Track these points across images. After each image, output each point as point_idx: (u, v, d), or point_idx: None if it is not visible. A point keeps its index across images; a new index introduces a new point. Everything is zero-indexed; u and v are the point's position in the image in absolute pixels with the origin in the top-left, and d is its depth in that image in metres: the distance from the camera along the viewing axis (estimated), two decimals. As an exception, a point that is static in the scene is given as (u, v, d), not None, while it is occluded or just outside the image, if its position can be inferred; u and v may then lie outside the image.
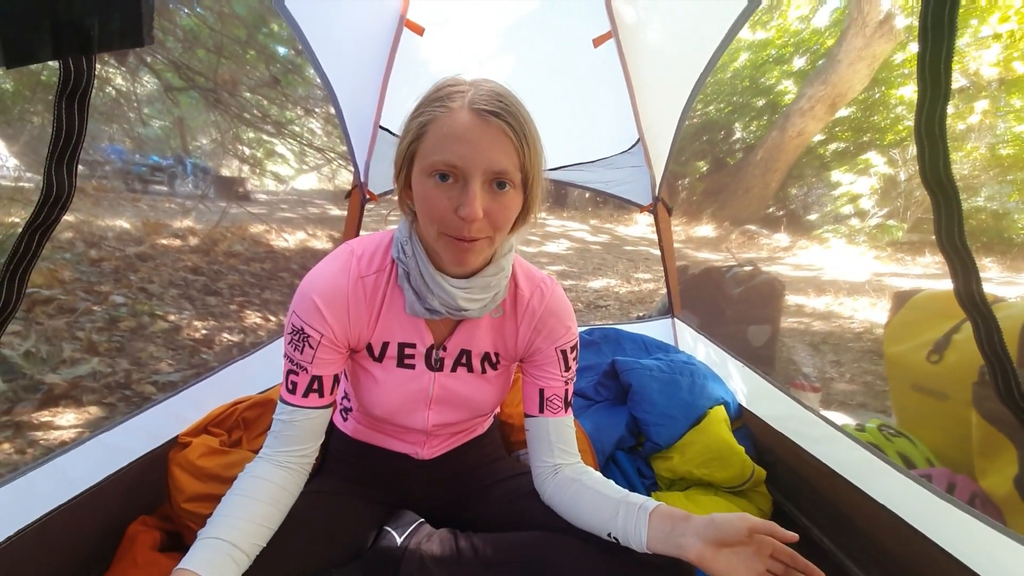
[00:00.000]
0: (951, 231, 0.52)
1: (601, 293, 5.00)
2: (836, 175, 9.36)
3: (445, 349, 0.95)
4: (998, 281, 5.95)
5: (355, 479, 1.06)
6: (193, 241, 4.55)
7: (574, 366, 1.00)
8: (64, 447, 0.95)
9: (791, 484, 1.27)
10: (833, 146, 9.91)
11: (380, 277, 0.91)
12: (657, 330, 1.81)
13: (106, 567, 0.95)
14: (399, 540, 0.99)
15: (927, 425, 1.49)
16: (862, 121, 9.50)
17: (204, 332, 2.83)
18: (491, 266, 0.88)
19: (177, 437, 1.07)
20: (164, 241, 4.38)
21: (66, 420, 1.87)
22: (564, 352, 0.97)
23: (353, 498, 1.03)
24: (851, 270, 6.38)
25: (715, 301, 2.29)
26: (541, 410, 0.97)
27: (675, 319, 1.83)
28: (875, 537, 1.02)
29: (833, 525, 1.15)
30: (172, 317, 2.93)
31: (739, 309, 2.25)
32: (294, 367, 0.88)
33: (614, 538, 0.88)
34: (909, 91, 8.23)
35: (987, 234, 7.81)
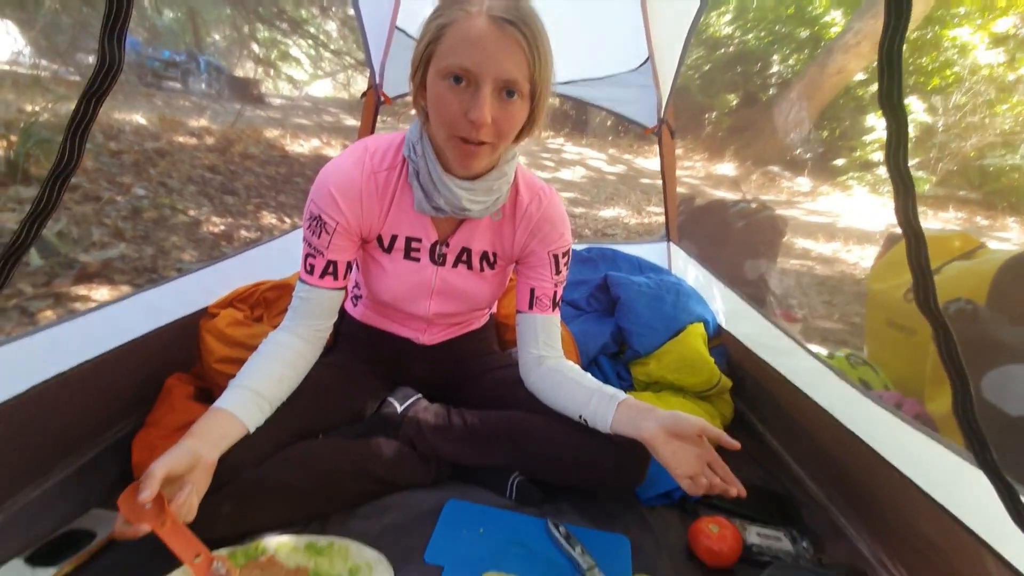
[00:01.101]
0: (898, 154, 0.58)
1: (610, 222, 5.03)
2: (871, 119, 8.94)
3: (448, 246, 1.04)
4: (1016, 242, 5.86)
5: (363, 357, 1.19)
6: (209, 140, 4.57)
7: (565, 271, 1.09)
8: (117, 299, 1.08)
9: (754, 395, 1.40)
10: (873, 87, 9.37)
11: (391, 174, 0.98)
12: (652, 252, 1.89)
13: (147, 411, 1.12)
14: (399, 409, 1.14)
15: (894, 358, 1.60)
16: (908, 63, 8.91)
17: (223, 228, 2.95)
18: (494, 171, 0.95)
19: (207, 308, 1.20)
20: (180, 139, 4.41)
21: (100, 295, 2.03)
22: (556, 256, 1.06)
23: (360, 372, 1.17)
24: (868, 219, 6.29)
25: (717, 233, 2.34)
26: (530, 307, 1.07)
27: (670, 243, 1.90)
28: (819, 440, 1.15)
29: (785, 431, 1.29)
30: (192, 212, 3.03)
31: (739, 243, 2.31)
32: (312, 251, 0.97)
33: (584, 419, 1.01)
34: (965, 33, 7.66)
35: (1016, 194, 7.56)
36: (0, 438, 0.82)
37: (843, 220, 6.24)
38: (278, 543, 0.89)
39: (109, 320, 1.03)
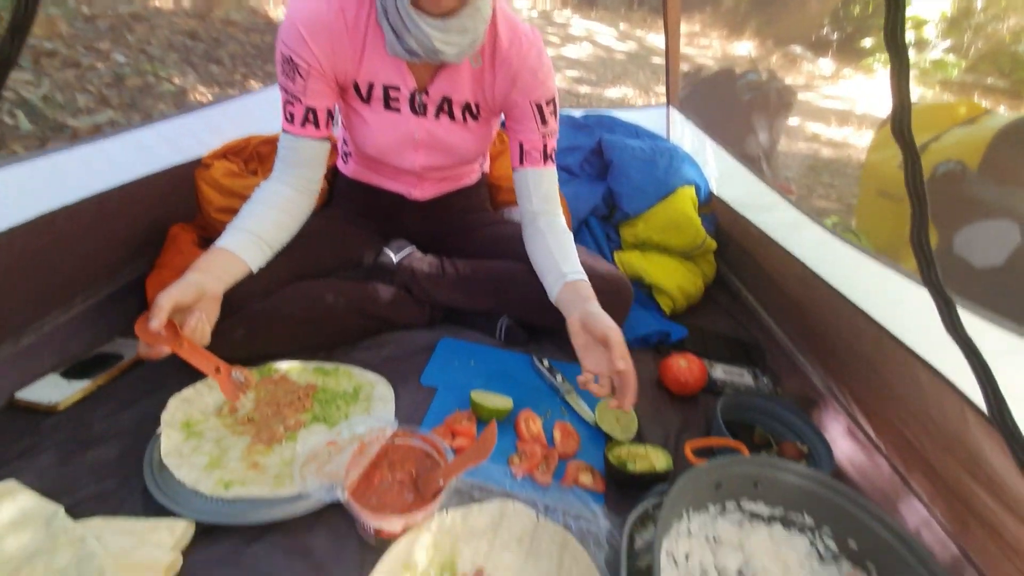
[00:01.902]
0: (895, 30, 0.58)
1: (615, 102, 4.80)
2: (908, -8, 8.09)
3: (427, 94, 1.02)
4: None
5: (358, 212, 1.22)
6: (186, 3, 4.21)
7: (552, 121, 1.06)
8: (112, 132, 1.09)
9: (736, 257, 1.46)
10: (917, -47, 8.37)
11: (361, 11, 0.93)
12: (651, 119, 1.84)
13: (156, 256, 1.18)
14: (395, 258, 1.20)
15: (880, 226, 1.64)
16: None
17: (211, 97, 2.84)
18: (468, 7, 0.89)
19: (201, 159, 1.21)
20: (156, 2, 4.06)
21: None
22: (539, 106, 1.03)
23: (356, 225, 1.21)
24: (886, 105, 5.97)
25: (723, 105, 2.26)
26: (521, 162, 1.07)
27: (670, 107, 1.85)
28: (788, 290, 1.22)
29: (760, 287, 1.37)
30: (177, 80, 2.90)
31: (744, 115, 2.23)
32: (289, 98, 0.96)
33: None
34: None
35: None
36: (18, 261, 0.88)
37: (860, 106, 5.93)
38: (289, 366, 0.99)
39: (104, 155, 1.04)
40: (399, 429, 0.80)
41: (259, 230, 0.94)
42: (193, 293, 0.80)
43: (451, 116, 1.06)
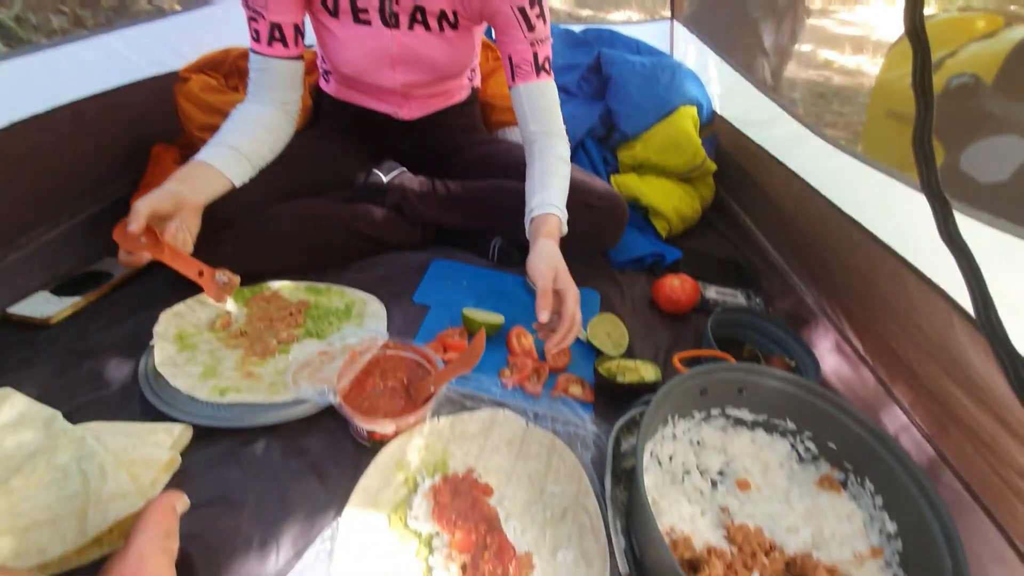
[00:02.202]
0: None
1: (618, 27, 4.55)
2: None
3: (398, 3, 0.95)
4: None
5: (345, 132, 1.18)
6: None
7: (540, 25, 0.97)
8: (83, 35, 1.04)
9: (735, 180, 1.43)
10: None
11: None
12: (654, 34, 1.74)
13: (141, 177, 1.15)
14: (385, 178, 1.17)
15: (886, 148, 1.59)
16: None
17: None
18: None
19: (179, 72, 1.15)
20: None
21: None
22: (522, 9, 0.94)
23: (345, 145, 1.17)
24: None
25: (731, 20, 2.13)
26: (514, 78, 1.01)
27: (673, 21, 1.75)
28: (785, 209, 1.20)
29: (758, 208, 1.34)
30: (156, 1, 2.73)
31: (754, 33, 2.11)
32: (253, 14, 0.90)
33: None
34: None
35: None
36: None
37: (878, 32, 5.62)
38: (281, 284, 0.99)
39: (75, 62, 1.00)
40: (390, 340, 0.81)
41: (238, 144, 0.91)
42: (171, 202, 0.79)
43: (426, 26, 0.99)
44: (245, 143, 0.92)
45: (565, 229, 0.96)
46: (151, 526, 0.51)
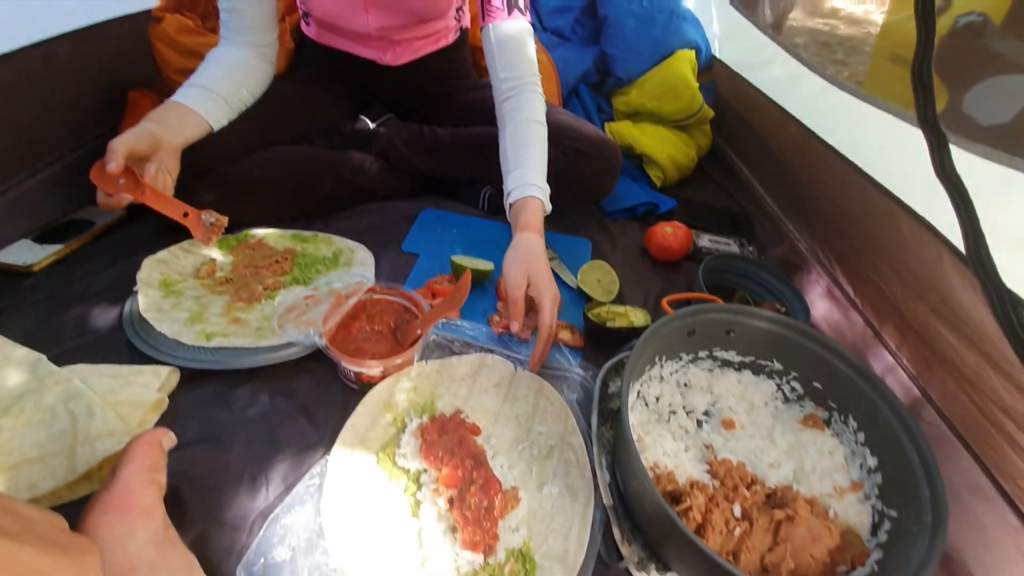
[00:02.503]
0: None
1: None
2: None
3: None
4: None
5: (329, 77, 1.14)
6: None
7: None
8: None
9: (733, 127, 1.39)
10: None
11: None
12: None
13: (117, 125, 1.11)
14: (372, 125, 1.13)
15: (890, 92, 1.54)
16: None
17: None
18: None
19: (151, 11, 1.10)
20: None
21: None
22: None
23: (330, 91, 1.13)
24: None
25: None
26: (483, 16, 0.94)
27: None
28: (781, 154, 1.17)
29: (755, 155, 1.32)
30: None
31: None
32: None
33: None
34: None
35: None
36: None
37: (888, -21, 5.39)
38: (266, 232, 0.98)
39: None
40: (378, 284, 0.80)
41: (214, 86, 0.88)
42: (148, 142, 0.77)
43: None
44: (222, 85, 0.88)
45: (549, 207, 0.89)
46: (137, 459, 0.51)
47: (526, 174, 0.88)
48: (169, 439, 0.56)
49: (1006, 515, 0.63)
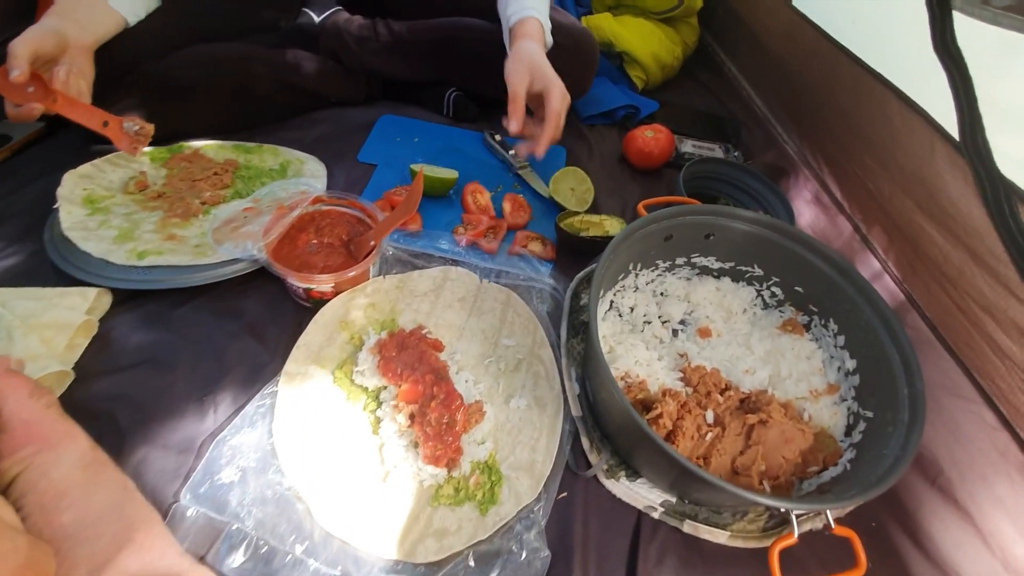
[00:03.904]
0: None
1: None
2: None
3: None
4: None
5: (267, -38, 0.99)
6: None
7: None
8: None
9: (721, 20, 1.28)
10: None
11: None
12: None
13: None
14: (317, 19, 1.00)
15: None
16: None
17: None
18: None
19: None
20: None
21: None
22: None
23: (266, -21, 0.99)
24: None
25: None
26: None
27: None
28: (774, 48, 1.08)
29: (743, 51, 1.21)
30: None
31: None
32: None
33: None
34: None
35: None
36: None
37: None
38: (204, 143, 0.88)
39: None
40: (326, 194, 0.73)
41: None
42: (53, 41, 0.66)
43: None
44: None
45: (550, 40, 0.87)
46: (7, 393, 0.45)
47: (527, 2, 0.84)
48: (15, 363, 0.50)
49: (983, 413, 0.62)
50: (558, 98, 0.78)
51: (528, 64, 0.78)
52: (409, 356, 0.63)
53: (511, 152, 0.96)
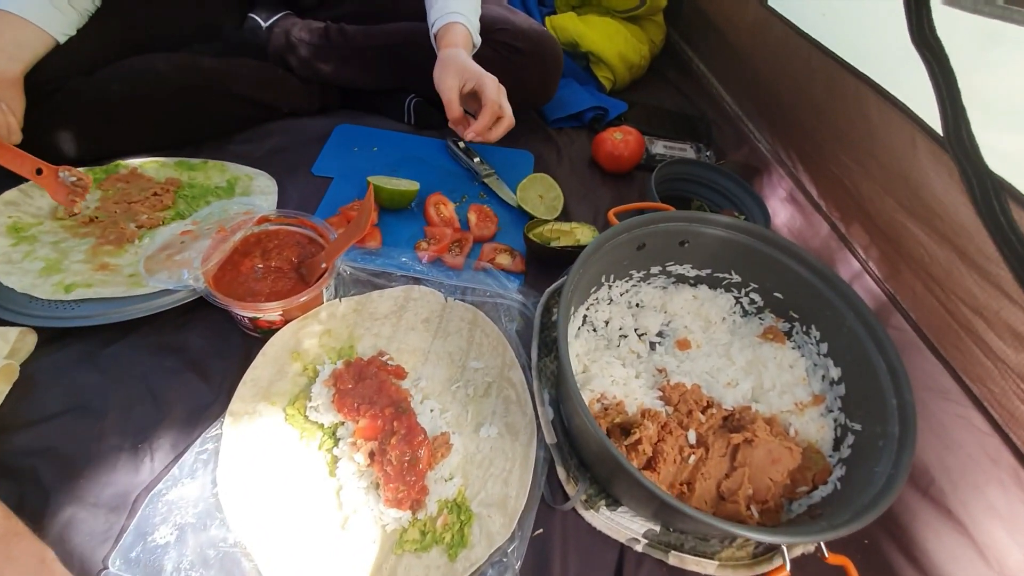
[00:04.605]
0: None
1: None
2: None
3: None
4: None
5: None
6: None
7: None
8: None
9: (687, 18, 1.25)
10: None
11: None
12: None
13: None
14: (264, 24, 0.95)
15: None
16: None
17: None
18: None
19: None
20: None
21: None
22: None
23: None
24: None
25: None
26: None
27: None
28: (742, 45, 1.05)
29: (710, 48, 1.18)
30: None
31: None
32: None
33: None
34: None
35: None
36: None
37: None
38: (142, 161, 0.81)
39: None
40: (272, 213, 0.67)
41: None
42: None
43: None
44: None
45: (478, 40, 0.85)
46: None
47: (449, 3, 0.82)
48: None
49: (972, 417, 0.59)
50: (492, 88, 0.77)
51: (455, 68, 0.77)
52: (367, 388, 0.58)
53: (476, 160, 0.92)
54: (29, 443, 0.53)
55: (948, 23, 0.55)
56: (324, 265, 0.62)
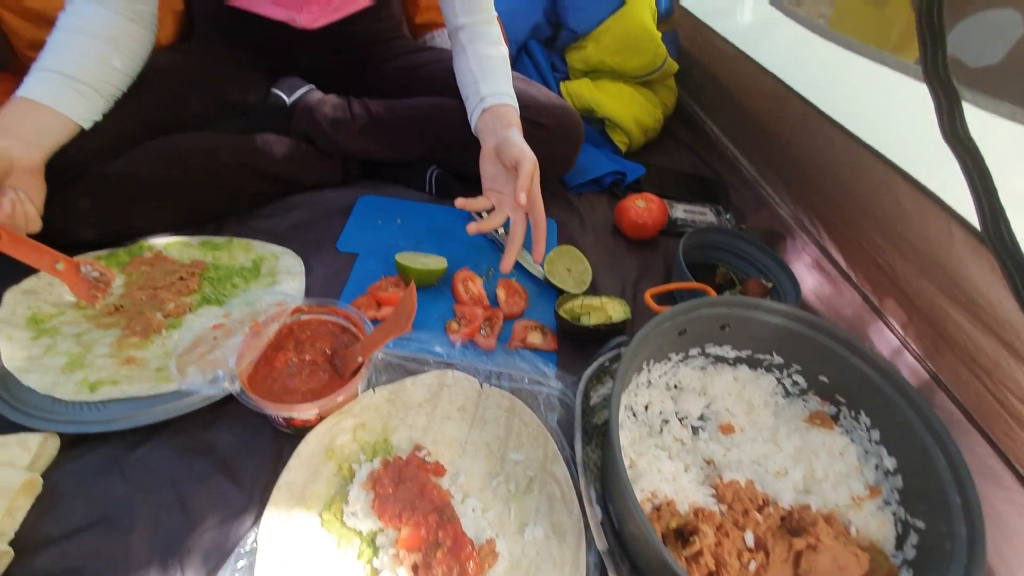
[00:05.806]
0: None
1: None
2: None
3: None
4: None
5: (231, 44, 0.94)
6: None
7: None
8: None
9: (700, 82, 1.28)
10: None
11: None
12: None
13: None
14: (288, 100, 0.95)
15: (857, 32, 1.45)
16: None
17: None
18: None
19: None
20: None
21: None
22: None
23: (231, 60, 0.94)
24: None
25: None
26: None
27: None
28: (755, 112, 1.06)
29: (725, 113, 1.21)
30: None
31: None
32: None
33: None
34: None
35: None
36: None
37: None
38: (167, 242, 0.81)
39: None
40: (304, 303, 0.66)
41: (71, 68, 0.68)
42: None
43: None
44: (81, 65, 0.69)
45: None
46: None
47: (497, 84, 0.83)
48: None
49: (1030, 507, 0.57)
50: (528, 171, 0.74)
51: (522, 172, 0.74)
52: (407, 491, 0.55)
53: (500, 231, 0.91)
54: (52, 565, 0.50)
55: (981, 125, 0.55)
56: (360, 359, 0.61)
